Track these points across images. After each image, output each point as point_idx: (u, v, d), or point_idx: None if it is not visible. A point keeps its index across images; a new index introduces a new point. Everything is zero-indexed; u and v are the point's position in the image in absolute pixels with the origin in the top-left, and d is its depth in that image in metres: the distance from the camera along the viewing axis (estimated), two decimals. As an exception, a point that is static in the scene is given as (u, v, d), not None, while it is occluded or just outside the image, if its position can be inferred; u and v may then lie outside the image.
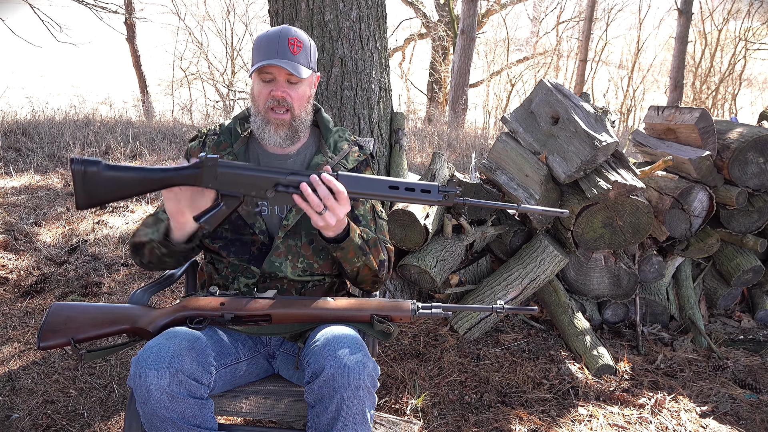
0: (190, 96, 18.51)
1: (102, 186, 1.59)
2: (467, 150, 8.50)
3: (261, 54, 1.86)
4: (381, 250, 1.95)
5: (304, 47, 1.89)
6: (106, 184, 1.60)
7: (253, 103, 1.94)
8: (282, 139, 1.93)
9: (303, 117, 1.96)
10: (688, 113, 3.57)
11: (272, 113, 1.90)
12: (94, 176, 1.58)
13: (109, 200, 1.62)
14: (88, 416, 2.60)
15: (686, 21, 11.39)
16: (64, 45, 11.65)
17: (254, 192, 1.68)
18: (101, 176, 1.59)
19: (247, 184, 1.68)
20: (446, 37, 16.18)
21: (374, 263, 1.90)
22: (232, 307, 1.72)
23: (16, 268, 3.94)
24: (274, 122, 1.90)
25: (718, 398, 2.85)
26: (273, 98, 1.88)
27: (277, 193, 1.68)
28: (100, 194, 1.60)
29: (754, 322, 3.71)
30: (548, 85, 3.39)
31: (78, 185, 1.58)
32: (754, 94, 19.74)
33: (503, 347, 3.25)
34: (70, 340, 1.65)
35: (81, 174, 1.57)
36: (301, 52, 1.88)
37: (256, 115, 1.94)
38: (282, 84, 1.87)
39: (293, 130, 1.94)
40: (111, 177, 1.60)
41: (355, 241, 1.83)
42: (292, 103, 1.89)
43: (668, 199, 3.37)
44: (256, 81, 1.91)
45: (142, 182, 1.63)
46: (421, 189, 1.69)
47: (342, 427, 1.62)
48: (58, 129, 7.98)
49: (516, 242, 3.56)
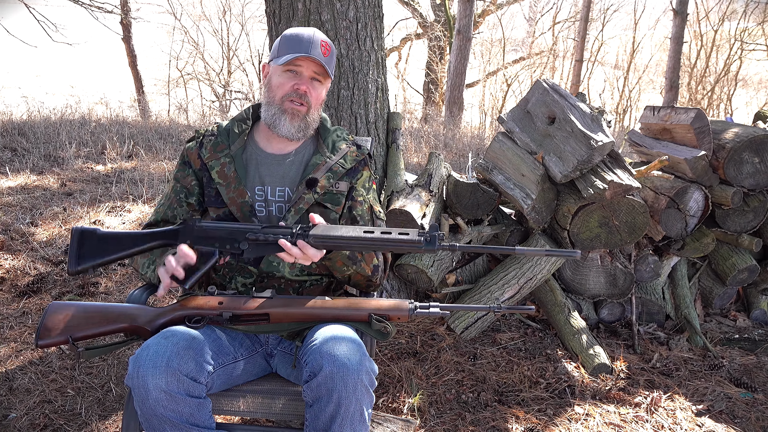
0: (186, 96, 18.47)
1: (95, 248, 1.75)
2: (464, 150, 8.51)
3: (293, 47, 1.90)
4: (375, 255, 1.95)
5: (332, 53, 1.96)
6: (99, 246, 1.75)
7: (270, 93, 1.96)
8: (296, 129, 1.96)
9: (315, 117, 2.00)
10: (684, 113, 3.58)
11: (290, 104, 1.92)
12: (90, 238, 1.74)
13: (101, 262, 1.76)
14: (86, 416, 2.60)
15: (682, 21, 11.41)
16: (59, 45, 11.63)
17: (229, 245, 1.74)
18: (96, 239, 1.75)
19: (222, 237, 1.75)
20: (443, 37, 16.19)
21: (367, 270, 1.91)
22: (230, 306, 1.73)
23: (13, 268, 3.93)
24: (290, 112, 1.93)
25: (714, 397, 2.87)
26: (296, 91, 1.91)
27: (251, 246, 1.73)
28: (94, 256, 1.75)
29: (749, 321, 3.72)
30: (544, 85, 3.40)
31: (73, 248, 1.73)
32: (750, 94, 19.80)
33: (500, 346, 3.26)
34: (68, 338, 1.66)
35: (78, 235, 1.73)
36: (330, 56, 1.95)
37: (270, 105, 1.96)
38: (307, 80, 1.92)
39: (305, 125, 1.97)
40: (104, 238, 1.76)
41: (343, 253, 1.84)
42: (311, 101, 1.94)
43: (664, 199, 3.38)
44: (277, 72, 1.94)
45: (133, 242, 1.78)
46: (399, 232, 1.64)
47: (340, 426, 1.63)
48: (54, 129, 7.97)
49: (513, 242, 3.57)
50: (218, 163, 1.95)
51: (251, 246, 1.72)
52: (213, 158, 1.96)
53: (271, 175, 1.98)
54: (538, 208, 3.25)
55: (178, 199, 1.98)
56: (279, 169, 1.99)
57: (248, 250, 1.72)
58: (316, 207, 1.95)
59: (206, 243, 1.75)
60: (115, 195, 5.58)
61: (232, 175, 1.94)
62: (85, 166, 6.63)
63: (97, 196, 5.49)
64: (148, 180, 6.10)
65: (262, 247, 1.72)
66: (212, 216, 1.94)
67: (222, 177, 1.94)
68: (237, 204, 1.91)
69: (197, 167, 1.98)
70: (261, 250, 1.72)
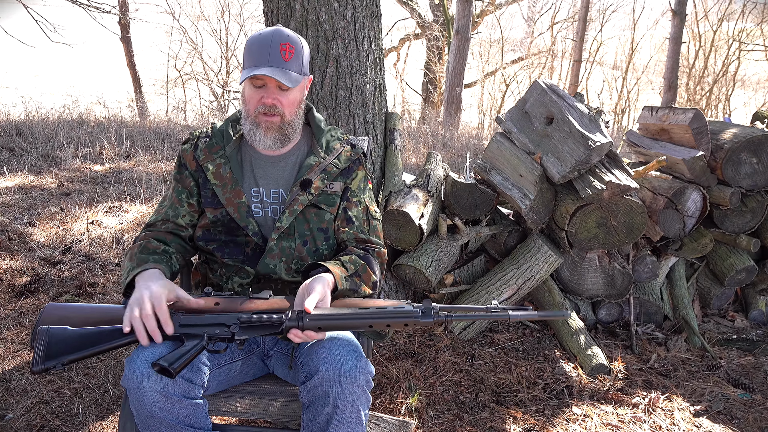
0: (184, 96, 18.47)
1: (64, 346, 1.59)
2: (462, 150, 8.51)
3: (252, 59, 1.83)
4: (372, 271, 1.91)
5: (296, 52, 1.86)
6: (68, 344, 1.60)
7: (244, 106, 1.92)
8: (272, 142, 1.92)
9: (293, 121, 1.94)
10: (682, 114, 3.58)
11: (262, 117, 1.88)
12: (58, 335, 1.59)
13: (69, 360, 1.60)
14: (83, 416, 2.60)
15: (680, 22, 11.43)
16: (58, 45, 11.63)
17: (218, 330, 1.64)
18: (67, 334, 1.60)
19: (211, 324, 1.65)
20: (441, 37, 16.20)
21: (367, 291, 1.88)
22: (227, 307, 1.72)
23: (10, 269, 3.93)
24: (264, 125, 1.89)
25: (712, 397, 2.87)
26: (263, 105, 1.86)
27: (242, 328, 1.65)
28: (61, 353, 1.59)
29: (747, 321, 3.72)
30: (543, 85, 3.40)
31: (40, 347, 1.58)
32: (748, 94, 19.82)
33: (498, 347, 3.26)
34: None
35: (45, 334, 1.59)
36: (293, 59, 1.85)
37: (246, 119, 1.93)
38: (273, 91, 1.85)
39: (283, 134, 1.92)
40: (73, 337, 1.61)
41: (343, 289, 1.78)
42: (283, 110, 1.88)
43: (662, 200, 3.38)
44: (247, 85, 1.88)
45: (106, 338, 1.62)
46: (394, 306, 1.65)
47: (337, 427, 1.63)
48: (51, 129, 7.96)
49: (511, 242, 3.56)
50: (213, 164, 1.94)
51: (242, 329, 1.65)
52: (208, 159, 1.95)
53: (265, 177, 1.97)
54: (536, 209, 3.25)
55: (179, 199, 1.97)
56: (273, 171, 1.98)
57: (239, 332, 1.63)
58: (310, 208, 1.94)
59: (193, 330, 1.64)
60: (112, 195, 5.57)
61: (228, 176, 1.93)
62: (83, 166, 6.63)
63: (94, 197, 5.48)
64: (146, 180, 6.09)
65: (253, 329, 1.65)
66: (210, 217, 1.93)
67: (218, 178, 1.93)
68: (234, 204, 1.91)
69: (193, 169, 1.97)
70: (252, 331, 1.65)
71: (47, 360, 1.55)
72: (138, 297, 1.60)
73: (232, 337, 1.62)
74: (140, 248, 1.82)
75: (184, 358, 1.53)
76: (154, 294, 1.60)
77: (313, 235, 1.94)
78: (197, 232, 1.97)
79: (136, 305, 1.59)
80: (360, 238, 1.98)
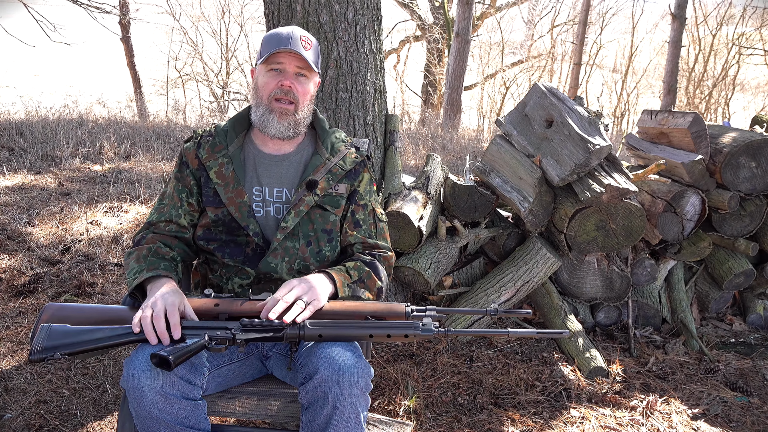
0: (184, 96, 18.47)
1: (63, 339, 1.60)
2: (461, 152, 8.51)
3: (273, 45, 1.89)
4: (378, 278, 1.92)
5: (313, 47, 1.95)
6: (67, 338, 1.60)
7: (257, 94, 1.95)
8: (285, 128, 1.94)
9: (305, 113, 1.98)
10: (681, 117, 3.59)
11: (276, 103, 1.92)
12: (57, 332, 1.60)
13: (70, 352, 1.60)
14: (81, 416, 2.60)
15: (680, 26, 11.45)
16: (58, 45, 11.63)
17: (219, 332, 1.64)
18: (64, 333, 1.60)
19: (213, 327, 1.65)
20: (441, 39, 16.21)
21: (371, 297, 1.89)
22: (227, 308, 1.72)
23: (9, 268, 3.93)
24: (278, 111, 1.92)
25: (710, 401, 2.87)
26: (280, 88, 1.90)
27: (244, 331, 1.65)
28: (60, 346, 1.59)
29: (745, 325, 3.73)
30: (542, 88, 3.40)
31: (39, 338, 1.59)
32: (747, 98, 19.86)
33: (496, 349, 3.26)
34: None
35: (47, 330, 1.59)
36: (311, 50, 1.93)
37: (258, 106, 1.95)
38: (291, 75, 1.91)
39: (296, 122, 1.95)
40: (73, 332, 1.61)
41: (345, 296, 1.81)
42: (298, 97, 1.92)
43: (661, 203, 3.38)
44: (263, 72, 1.93)
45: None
46: (393, 325, 1.67)
47: (335, 428, 1.63)
48: (51, 128, 7.96)
49: (509, 245, 3.57)
50: (216, 163, 1.95)
51: (242, 331, 1.64)
52: (211, 158, 1.96)
53: (268, 175, 1.98)
54: (535, 211, 3.25)
55: (180, 197, 1.98)
56: (277, 170, 1.99)
57: (240, 334, 1.63)
58: (315, 209, 1.95)
59: (194, 332, 1.64)
60: (112, 195, 5.58)
61: (230, 176, 1.94)
62: (83, 166, 6.63)
63: (94, 196, 5.48)
64: (145, 180, 6.10)
65: (254, 333, 1.65)
66: (211, 216, 1.94)
67: (220, 177, 1.94)
68: (235, 204, 1.91)
69: (194, 167, 1.98)
70: (253, 334, 1.65)
71: (45, 350, 1.57)
72: (153, 302, 1.63)
73: (233, 338, 1.63)
74: (150, 251, 1.84)
75: (183, 352, 1.55)
76: (169, 302, 1.63)
77: (317, 236, 1.95)
78: (198, 232, 1.97)
79: (148, 308, 1.61)
80: (368, 243, 2.00)
